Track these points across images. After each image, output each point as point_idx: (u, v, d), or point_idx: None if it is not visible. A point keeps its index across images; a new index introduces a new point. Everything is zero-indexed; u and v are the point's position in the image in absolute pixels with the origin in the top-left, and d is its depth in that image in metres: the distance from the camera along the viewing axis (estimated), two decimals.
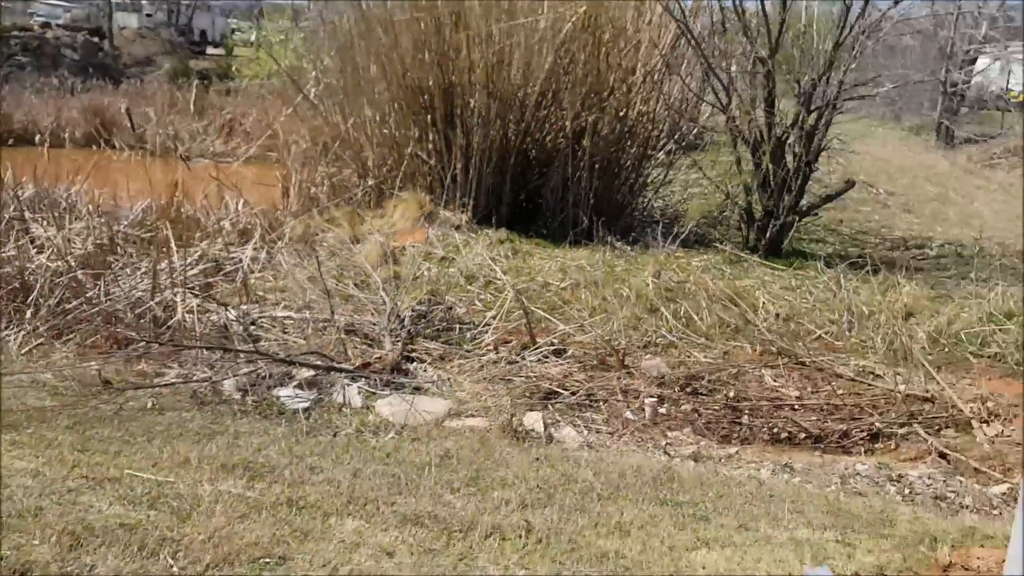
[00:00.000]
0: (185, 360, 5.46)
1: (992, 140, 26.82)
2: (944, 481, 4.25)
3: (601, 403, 5.61)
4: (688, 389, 5.99)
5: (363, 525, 3.25)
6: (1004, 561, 2.57)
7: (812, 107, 8.35)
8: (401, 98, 10.06)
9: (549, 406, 5.18)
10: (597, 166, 9.75)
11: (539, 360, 6.26)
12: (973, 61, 27.80)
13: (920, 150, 23.77)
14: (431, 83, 9.58)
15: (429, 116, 9.78)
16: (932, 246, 11.06)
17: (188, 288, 6.63)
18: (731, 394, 5.91)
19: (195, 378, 5.09)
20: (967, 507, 3.92)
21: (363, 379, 5.24)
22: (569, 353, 6.45)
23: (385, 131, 10.44)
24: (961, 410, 5.59)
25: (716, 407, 5.75)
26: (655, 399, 5.67)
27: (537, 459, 4.03)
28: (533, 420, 4.65)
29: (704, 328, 7.10)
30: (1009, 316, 6.98)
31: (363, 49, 10.21)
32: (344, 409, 4.81)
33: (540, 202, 10.46)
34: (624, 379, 5.98)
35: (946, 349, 6.70)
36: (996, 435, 5.14)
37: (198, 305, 6.40)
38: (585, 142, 9.47)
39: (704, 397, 5.91)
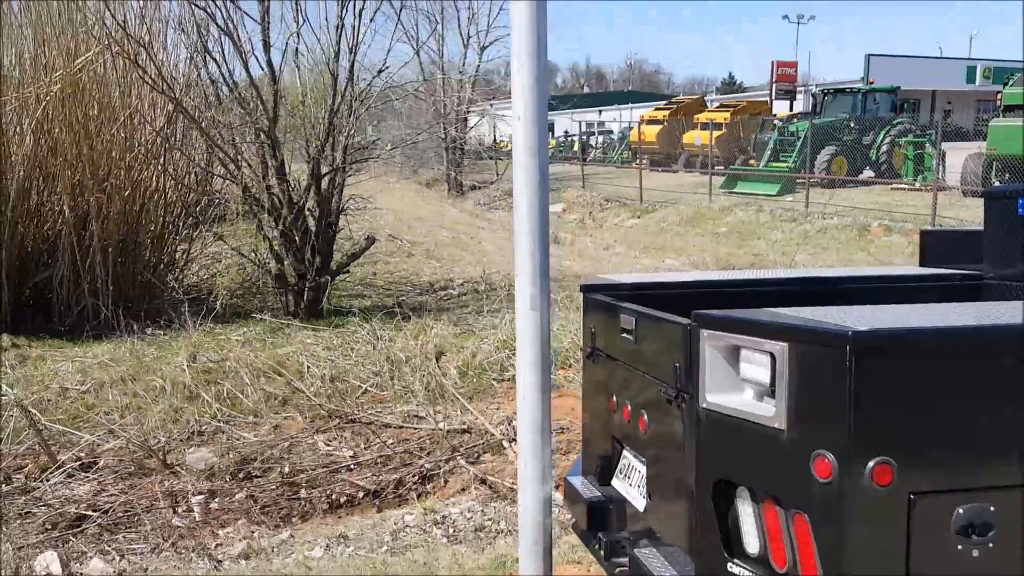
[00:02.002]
0: None
1: (491, 185, 30.87)
2: (482, 510, 4.59)
3: (143, 514, 5.06)
4: (241, 475, 5.71)
5: None
6: None
7: (323, 172, 8.63)
8: None
9: (74, 537, 4.49)
10: (111, 249, 8.93)
11: (63, 482, 5.45)
12: (465, 119, 31.72)
13: (435, 200, 26.20)
14: None
15: None
16: (454, 286, 12.17)
17: None
18: (286, 470, 5.76)
19: None
20: (503, 531, 4.28)
21: None
22: (101, 465, 5.74)
23: None
24: (493, 434, 6.15)
25: (272, 487, 5.55)
26: (204, 495, 5.29)
27: None
28: (49, 561, 3.96)
29: (251, 405, 6.85)
30: None
31: None
32: None
33: (51, 297, 9.31)
34: (168, 480, 5.49)
35: (474, 380, 7.35)
36: None
37: None
38: (92, 226, 8.60)
39: (259, 479, 5.67)
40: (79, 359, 7.99)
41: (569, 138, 51.38)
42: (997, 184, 16.90)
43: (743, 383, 2.17)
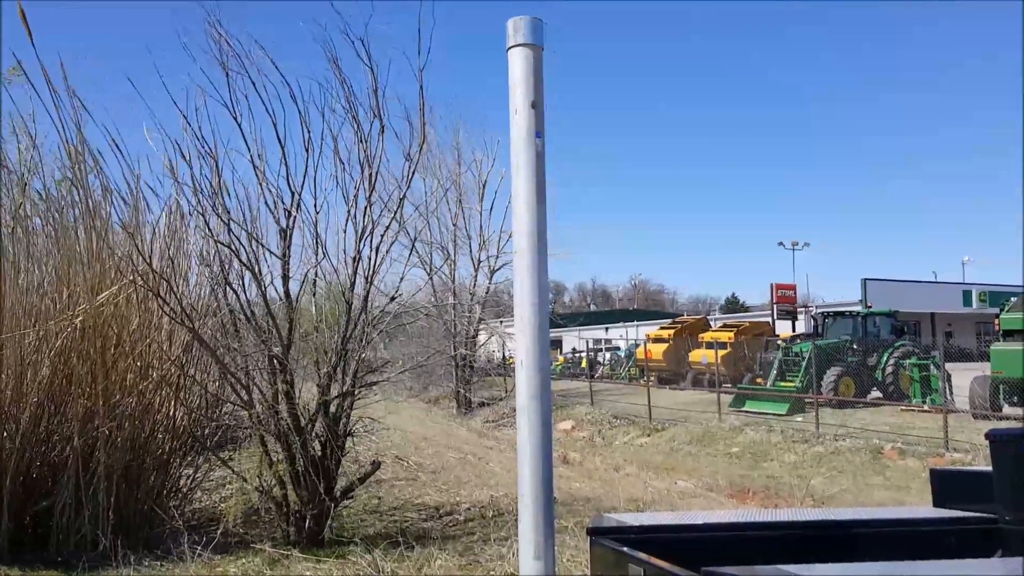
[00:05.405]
0: None
1: (500, 402, 30.94)
2: None
3: None
4: None
5: None
6: None
7: (332, 396, 8.73)
8: None
9: None
10: (116, 476, 8.81)
11: None
12: (475, 337, 32.47)
13: (442, 419, 26.12)
14: None
15: None
16: (460, 511, 11.83)
17: None
18: None
19: None
20: None
21: None
22: None
23: None
24: None
25: None
26: None
27: None
28: None
29: None
30: None
31: None
32: None
33: (51, 524, 9.06)
34: None
35: None
36: None
37: None
38: (99, 453, 8.56)
39: None
40: None
41: (576, 355, 52.20)
42: (1006, 407, 16.89)
43: None
